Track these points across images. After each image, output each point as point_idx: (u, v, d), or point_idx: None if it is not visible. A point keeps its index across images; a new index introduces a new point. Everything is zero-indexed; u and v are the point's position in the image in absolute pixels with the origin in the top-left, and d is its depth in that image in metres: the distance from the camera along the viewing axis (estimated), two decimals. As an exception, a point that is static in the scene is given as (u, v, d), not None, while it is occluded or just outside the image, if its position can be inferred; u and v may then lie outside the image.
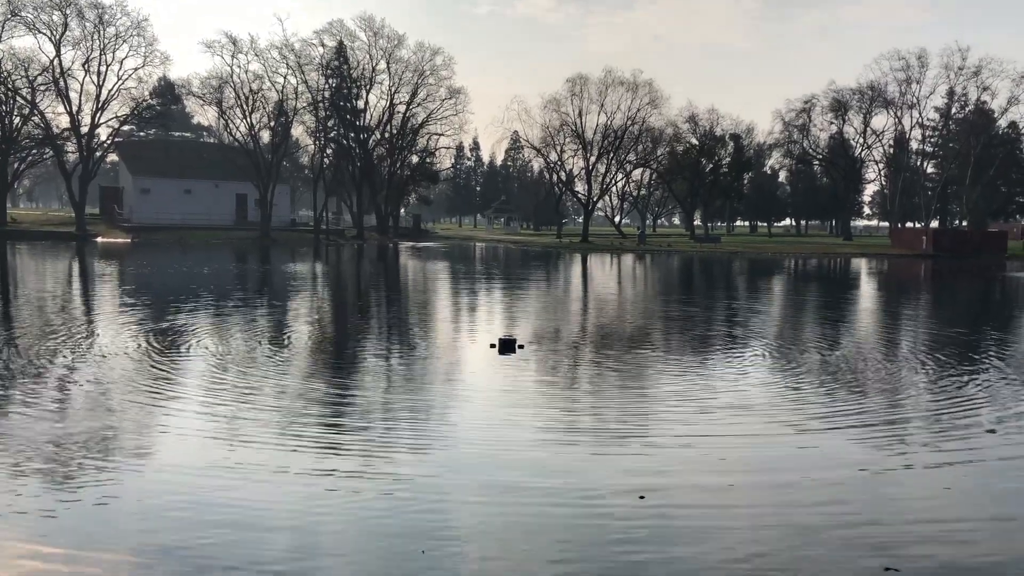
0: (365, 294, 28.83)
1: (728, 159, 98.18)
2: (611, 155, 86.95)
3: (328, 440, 8.77)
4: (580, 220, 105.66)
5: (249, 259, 45.49)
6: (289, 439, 8.74)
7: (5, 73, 69.13)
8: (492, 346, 14.67)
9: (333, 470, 7.71)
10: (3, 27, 67.68)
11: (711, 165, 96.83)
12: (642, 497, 7.11)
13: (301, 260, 45.88)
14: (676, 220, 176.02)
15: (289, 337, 16.68)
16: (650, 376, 12.85)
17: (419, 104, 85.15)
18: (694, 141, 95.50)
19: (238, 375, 12.28)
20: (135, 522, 6.41)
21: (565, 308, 24.43)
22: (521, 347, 14.66)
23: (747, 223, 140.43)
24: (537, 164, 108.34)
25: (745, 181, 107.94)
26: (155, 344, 14.94)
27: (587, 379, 12.88)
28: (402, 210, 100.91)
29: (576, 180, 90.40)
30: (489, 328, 18.35)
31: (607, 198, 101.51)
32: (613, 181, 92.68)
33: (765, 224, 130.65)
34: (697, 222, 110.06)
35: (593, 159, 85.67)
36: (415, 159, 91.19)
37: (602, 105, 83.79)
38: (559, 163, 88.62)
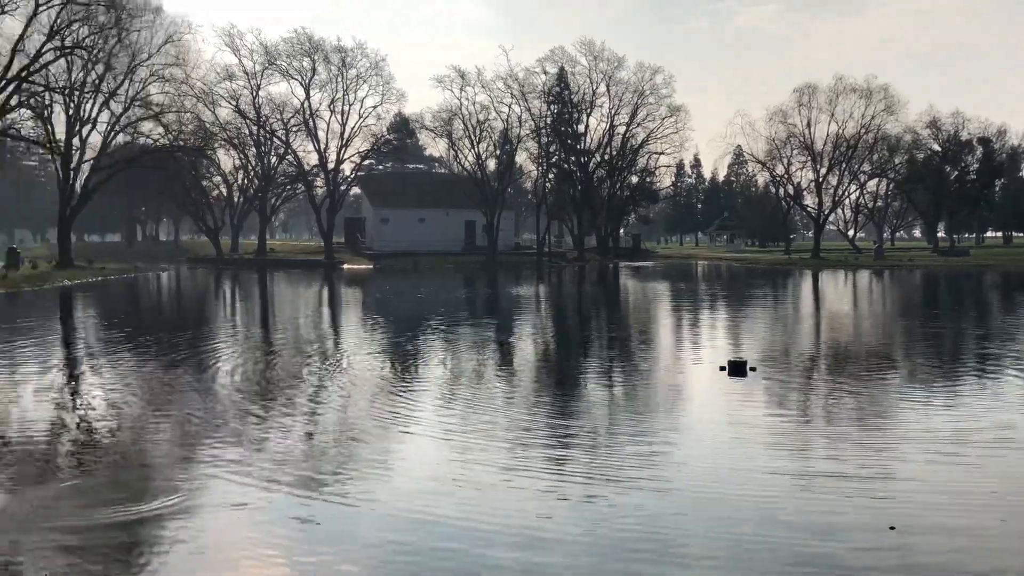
0: (588, 315, 29.10)
1: (976, 165, 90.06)
2: (843, 166, 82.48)
3: (553, 462, 8.91)
4: (810, 235, 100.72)
5: (477, 282, 47.35)
6: (518, 458, 8.98)
7: (264, 117, 76.73)
8: (722, 368, 14.29)
9: (553, 490, 7.83)
10: (262, 75, 75.24)
11: (956, 172, 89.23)
12: (892, 528, 6.69)
13: (526, 282, 47.13)
14: (917, 233, 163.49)
15: (518, 357, 17.14)
16: (894, 403, 12.00)
17: (639, 124, 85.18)
18: (936, 147, 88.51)
19: (471, 393, 12.79)
20: (371, 531, 6.85)
21: (797, 328, 23.37)
22: (753, 370, 14.17)
23: (999, 233, 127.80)
24: (762, 178, 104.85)
25: (996, 188, 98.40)
26: (396, 362, 15.90)
27: (827, 406, 12.22)
28: (621, 230, 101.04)
29: (805, 193, 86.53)
30: (716, 349, 17.90)
31: (839, 211, 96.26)
32: (846, 193, 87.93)
33: (1022, 235, 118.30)
34: (941, 234, 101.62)
35: (823, 170, 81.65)
36: (635, 179, 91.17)
37: (832, 114, 79.81)
38: (786, 176, 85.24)
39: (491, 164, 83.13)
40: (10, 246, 66.08)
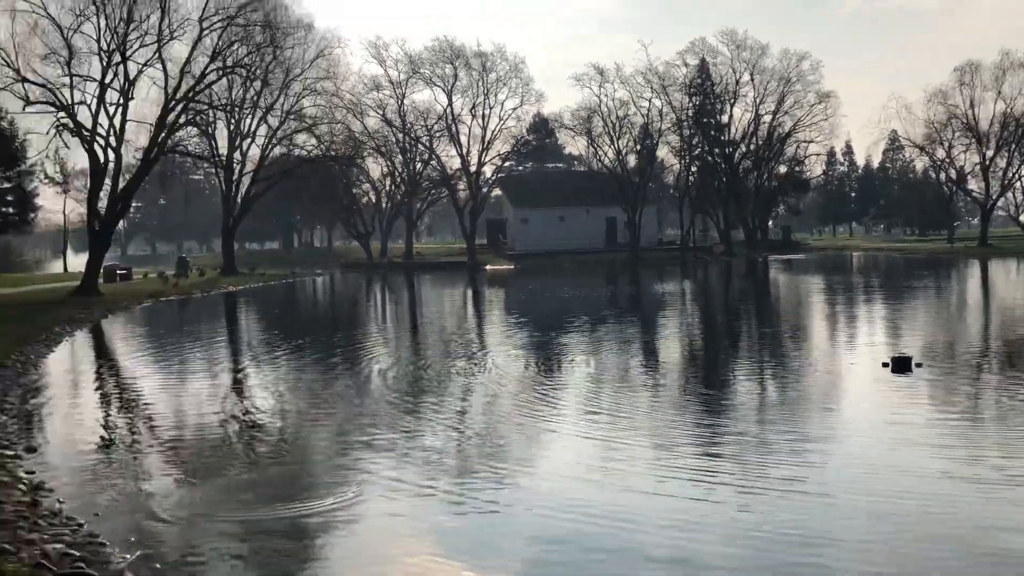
0: (738, 311, 28.40)
1: None
2: (1013, 147, 76.77)
3: (708, 465, 8.76)
4: (975, 222, 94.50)
5: (621, 280, 47.07)
6: (666, 459, 8.88)
7: (409, 125, 79.02)
8: (885, 365, 13.63)
9: (708, 495, 7.69)
10: (406, 84, 77.53)
11: None
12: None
13: (671, 279, 46.46)
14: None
15: (665, 356, 16.94)
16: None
17: (785, 112, 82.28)
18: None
19: (615, 395, 12.75)
20: (523, 531, 6.93)
21: (965, 322, 21.98)
22: (919, 366, 13.44)
23: None
24: (920, 164, 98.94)
25: None
26: (540, 362, 16.05)
27: (999, 404, 11.45)
28: (770, 222, 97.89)
29: (969, 178, 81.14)
30: (877, 345, 17.09)
31: (1010, 195, 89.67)
32: (1016, 176, 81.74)
33: None
34: None
35: (990, 153, 76.30)
36: (782, 169, 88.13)
37: (999, 92, 74.38)
38: (947, 160, 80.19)
39: (631, 160, 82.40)
40: (180, 255, 70.98)
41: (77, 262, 59.05)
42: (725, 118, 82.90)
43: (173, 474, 8.90)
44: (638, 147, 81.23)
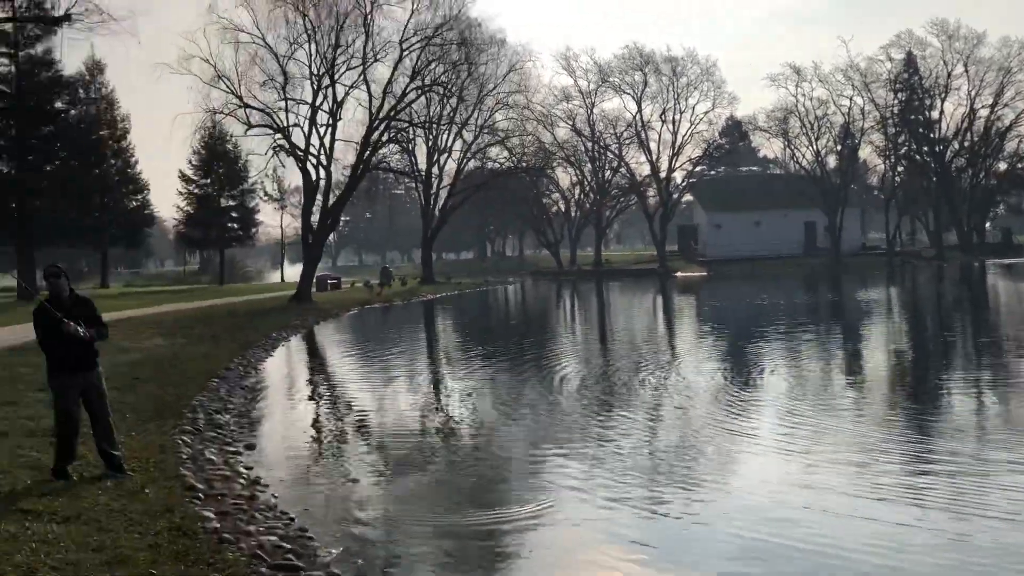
0: (952, 322, 26.34)
1: None
2: None
3: (917, 484, 8.17)
4: None
5: (819, 287, 44.89)
6: (873, 478, 8.36)
7: (598, 134, 79.36)
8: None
9: (919, 519, 7.17)
10: (596, 93, 77.91)
11: None
12: None
13: (875, 285, 43.77)
14: None
15: (872, 368, 16.00)
16: None
17: (1005, 105, 75.62)
18: None
19: (816, 409, 12.17)
20: (718, 545, 6.74)
21: None
22: None
23: None
24: None
25: None
26: (735, 372, 15.59)
27: None
28: (987, 224, 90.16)
29: None
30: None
31: None
32: None
33: None
34: None
35: None
36: (1002, 166, 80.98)
37: None
38: None
39: (831, 161, 78.56)
40: (383, 266, 74.81)
41: (292, 272, 63.62)
42: (935, 114, 77.30)
43: (376, 474, 9.39)
44: (838, 147, 77.31)
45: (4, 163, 41.32)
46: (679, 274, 67.40)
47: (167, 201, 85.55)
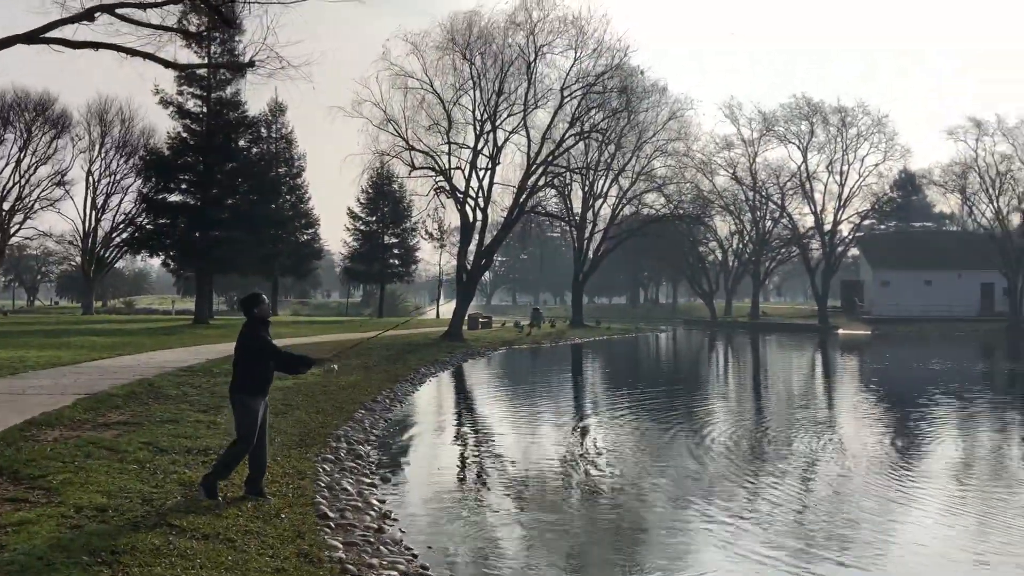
0: None
1: None
2: None
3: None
4: None
5: (998, 353, 41.59)
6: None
7: (760, 183, 77.40)
8: None
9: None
10: (759, 142, 76.18)
11: None
12: None
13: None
14: None
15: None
16: None
17: None
18: None
19: (987, 487, 11.19)
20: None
21: None
22: None
23: None
24: None
25: None
26: (897, 439, 14.62)
27: None
28: None
29: None
30: None
31: None
32: None
33: None
34: None
35: None
36: None
37: None
38: None
39: (1015, 219, 73.18)
40: (534, 307, 75.51)
41: (447, 309, 65.22)
42: None
43: (508, 519, 9.33)
44: (1022, 205, 72.01)
45: (191, 195, 44.72)
46: (841, 331, 64.34)
47: (335, 236, 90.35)
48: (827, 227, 75.59)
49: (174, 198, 45.38)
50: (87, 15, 17.64)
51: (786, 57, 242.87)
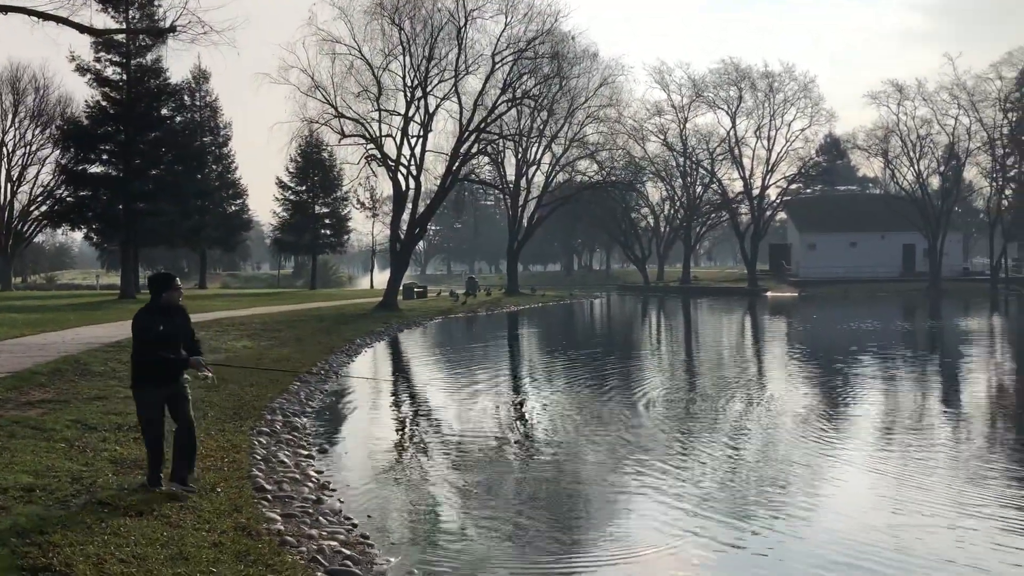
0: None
1: None
2: None
3: (1007, 505, 7.73)
4: None
5: (918, 312, 43.17)
6: (962, 507, 7.94)
7: (690, 149, 78.38)
8: None
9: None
10: (689, 108, 76.99)
11: None
12: None
13: (976, 313, 41.89)
14: None
15: (968, 400, 15.27)
16: None
17: None
18: None
19: (909, 436, 11.66)
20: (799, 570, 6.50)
21: None
22: None
23: None
24: None
25: None
26: (825, 396, 15.10)
27: None
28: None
29: None
30: None
31: None
32: None
33: None
34: None
35: None
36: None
37: None
38: None
39: (934, 182, 75.61)
40: (470, 276, 75.49)
41: (381, 279, 64.73)
42: (1049, 134, 73.50)
43: (447, 486, 9.36)
44: (941, 168, 74.40)
45: (112, 166, 43.22)
46: (769, 294, 65.91)
47: (264, 206, 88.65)
48: (755, 192, 77.08)
49: (95, 169, 43.82)
50: (-6, -24, 16.84)
51: (719, 22, 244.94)
